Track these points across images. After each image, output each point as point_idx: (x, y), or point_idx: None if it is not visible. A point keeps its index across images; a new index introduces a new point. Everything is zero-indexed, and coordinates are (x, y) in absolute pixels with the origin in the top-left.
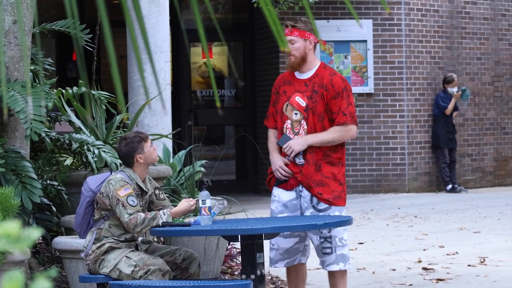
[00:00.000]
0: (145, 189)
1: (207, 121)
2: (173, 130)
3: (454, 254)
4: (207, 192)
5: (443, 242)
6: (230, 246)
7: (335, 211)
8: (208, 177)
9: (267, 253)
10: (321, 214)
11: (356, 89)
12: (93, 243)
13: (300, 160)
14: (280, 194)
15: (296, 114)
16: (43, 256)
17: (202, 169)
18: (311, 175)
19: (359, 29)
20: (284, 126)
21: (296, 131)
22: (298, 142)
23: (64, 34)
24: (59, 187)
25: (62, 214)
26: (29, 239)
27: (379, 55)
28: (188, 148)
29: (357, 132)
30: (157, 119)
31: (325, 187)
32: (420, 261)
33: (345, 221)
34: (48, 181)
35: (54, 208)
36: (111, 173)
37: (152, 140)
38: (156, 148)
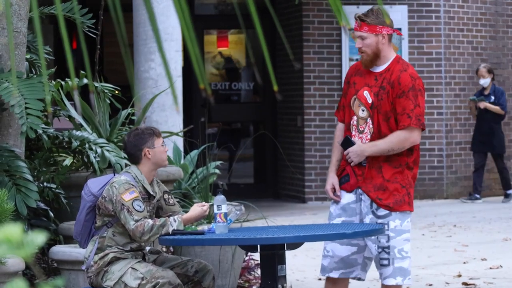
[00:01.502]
0: (152, 192)
1: (223, 117)
2: (184, 127)
3: (498, 267)
4: (222, 196)
5: (485, 255)
6: (247, 257)
7: (396, 219)
8: (223, 180)
9: (289, 266)
10: (379, 221)
11: None
12: (95, 253)
13: (365, 163)
14: (341, 196)
15: (363, 110)
16: (39, 267)
17: (217, 171)
18: (371, 179)
19: (393, 15)
20: (351, 122)
21: (361, 129)
22: (356, 153)
23: (65, 20)
24: (57, 190)
25: (61, 220)
26: (33, 244)
27: (415, 45)
28: (201, 148)
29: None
30: (166, 115)
31: (385, 192)
32: (460, 276)
33: (377, 230)
34: (45, 184)
35: (51, 214)
36: (114, 175)
37: None
38: (168, 150)
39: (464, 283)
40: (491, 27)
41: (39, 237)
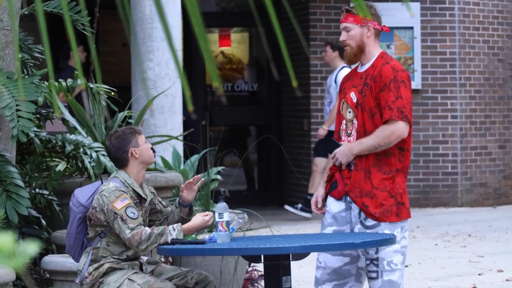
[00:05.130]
0: (143, 195)
1: (225, 120)
2: (184, 130)
3: None
4: (224, 204)
5: (501, 266)
6: (251, 268)
7: (385, 229)
8: (225, 187)
9: (294, 277)
10: (368, 231)
11: None
12: (90, 265)
13: (352, 166)
14: (331, 204)
15: (349, 112)
16: (30, 278)
17: (219, 177)
18: (359, 183)
19: (405, 13)
20: (341, 127)
21: (348, 132)
22: (344, 153)
23: (57, 17)
24: (49, 197)
25: (53, 228)
26: (25, 254)
27: (428, 45)
28: (202, 152)
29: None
30: (165, 117)
31: (373, 199)
32: None
33: (387, 240)
34: (37, 190)
35: (43, 222)
36: (102, 182)
37: (160, 142)
38: (151, 146)
39: None
40: (508, 26)
41: (31, 247)
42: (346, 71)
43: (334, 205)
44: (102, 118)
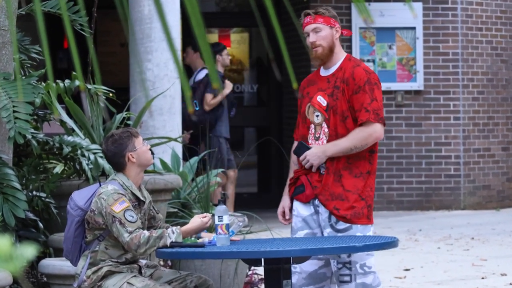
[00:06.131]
0: (142, 198)
1: None
2: (183, 132)
3: None
4: (224, 207)
5: (505, 269)
6: (251, 272)
7: (357, 232)
8: (225, 189)
9: None
10: (339, 235)
11: (402, 86)
12: (88, 268)
13: (323, 169)
14: (298, 208)
15: (317, 116)
16: (27, 282)
17: (219, 179)
18: (329, 186)
19: (407, 13)
20: (309, 132)
21: (317, 135)
22: (316, 155)
23: (54, 17)
24: (47, 200)
25: (51, 231)
26: (22, 258)
27: (430, 45)
28: (202, 154)
29: (385, 134)
30: (164, 119)
31: (344, 202)
32: None
33: (390, 243)
34: (34, 192)
35: (41, 225)
36: (100, 185)
37: (159, 144)
38: (149, 147)
39: None
40: None
41: (29, 251)
42: (205, 71)
43: (302, 209)
44: (100, 120)
